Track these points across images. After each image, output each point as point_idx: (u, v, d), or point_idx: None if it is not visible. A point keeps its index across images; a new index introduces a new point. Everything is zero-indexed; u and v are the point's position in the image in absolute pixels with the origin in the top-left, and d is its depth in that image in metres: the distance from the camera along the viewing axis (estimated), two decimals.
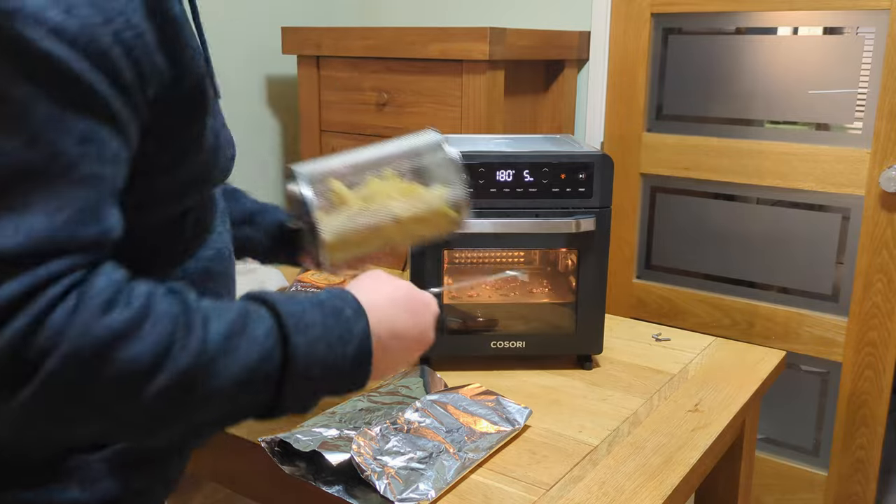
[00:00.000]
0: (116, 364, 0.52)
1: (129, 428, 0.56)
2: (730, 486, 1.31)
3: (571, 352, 1.31)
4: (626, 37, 2.09)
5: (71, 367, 0.50)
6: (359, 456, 0.93)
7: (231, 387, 0.57)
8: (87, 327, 0.50)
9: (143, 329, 0.53)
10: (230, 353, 0.56)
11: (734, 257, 2.06)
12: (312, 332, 0.60)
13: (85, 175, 0.52)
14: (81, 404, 0.52)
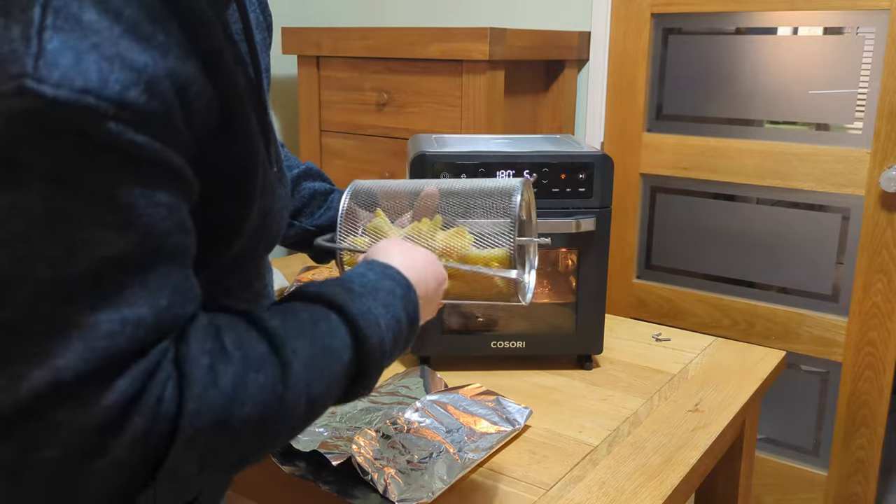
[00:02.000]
0: (234, 430, 0.50)
1: (239, 467, 0.55)
2: (730, 486, 1.31)
3: (571, 352, 1.31)
4: (626, 37, 2.09)
5: (194, 448, 0.48)
6: (359, 456, 0.93)
7: (321, 400, 0.57)
8: (200, 404, 0.48)
9: (249, 386, 0.51)
10: (318, 374, 0.56)
11: (734, 257, 2.06)
12: (381, 329, 0.61)
13: (173, 250, 0.49)
14: (209, 475, 0.51)
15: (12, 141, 0.42)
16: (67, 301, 0.43)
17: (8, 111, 0.41)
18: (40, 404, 0.43)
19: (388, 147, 2.08)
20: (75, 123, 0.42)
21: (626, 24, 2.09)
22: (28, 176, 0.42)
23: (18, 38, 0.42)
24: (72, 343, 0.43)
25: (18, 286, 0.43)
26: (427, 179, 0.89)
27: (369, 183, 0.89)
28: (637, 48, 2.08)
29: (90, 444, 0.44)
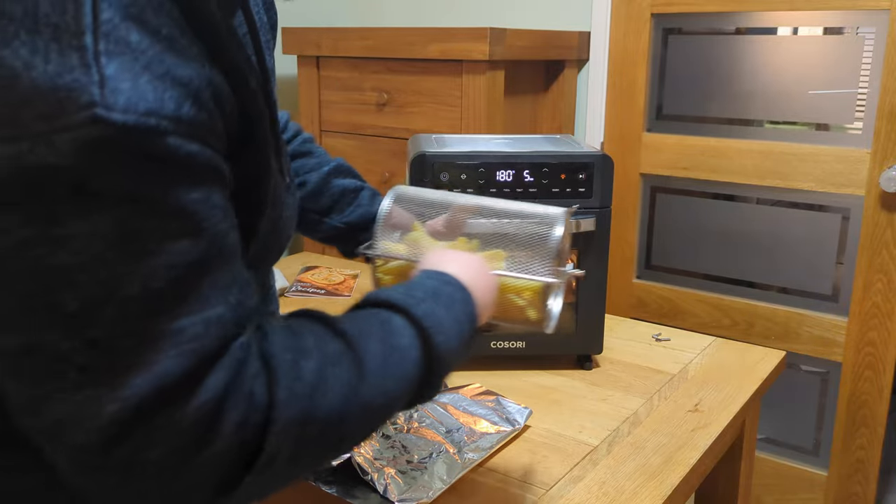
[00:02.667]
0: (319, 420, 0.53)
1: (321, 462, 0.58)
2: (730, 486, 1.31)
3: (571, 352, 1.31)
4: (626, 37, 2.09)
5: (286, 438, 0.51)
6: (359, 456, 0.93)
7: (395, 399, 0.59)
8: (289, 394, 0.51)
9: (329, 379, 0.54)
10: (391, 371, 0.58)
11: (734, 257, 2.06)
12: (445, 330, 0.62)
13: (232, 248, 0.51)
14: (296, 466, 0.53)
15: (84, 169, 0.43)
16: (154, 313, 0.45)
17: (80, 140, 0.42)
18: (143, 411, 0.45)
19: (388, 147, 2.08)
20: (142, 145, 0.44)
21: (626, 24, 2.09)
22: (101, 201, 0.44)
23: (78, 67, 0.42)
24: (164, 351, 0.45)
25: (105, 306, 0.44)
26: (467, 195, 0.90)
27: (411, 190, 0.91)
28: (637, 48, 2.08)
29: (191, 441, 0.47)
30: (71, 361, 0.44)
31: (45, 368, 0.45)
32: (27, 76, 0.42)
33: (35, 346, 0.44)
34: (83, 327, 0.44)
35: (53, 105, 0.42)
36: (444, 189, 1.02)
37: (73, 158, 0.42)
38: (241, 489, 0.50)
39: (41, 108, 0.42)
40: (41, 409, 0.46)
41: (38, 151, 0.42)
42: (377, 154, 2.10)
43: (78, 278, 0.44)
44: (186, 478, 0.48)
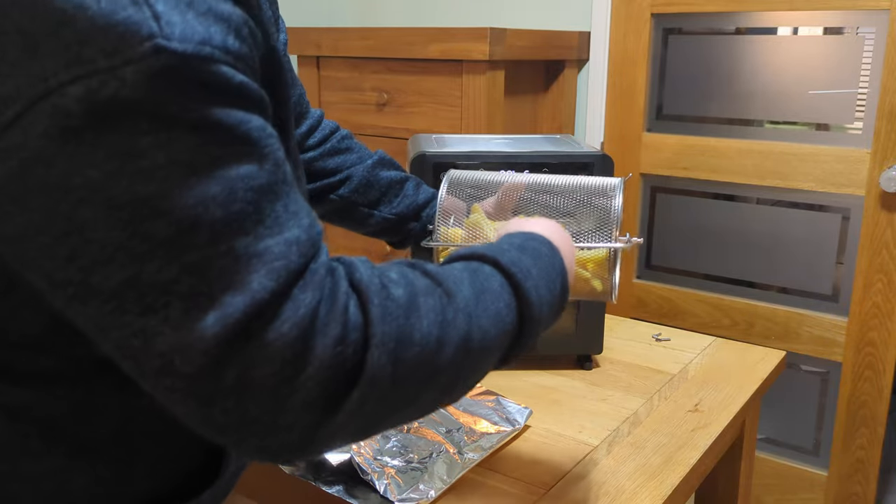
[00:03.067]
0: (416, 342, 0.52)
1: (420, 410, 0.56)
2: (730, 486, 1.31)
3: (571, 352, 1.31)
4: (626, 37, 2.09)
5: (386, 354, 0.51)
6: (359, 456, 0.93)
7: (491, 340, 0.58)
8: (383, 312, 0.51)
9: (421, 306, 0.53)
10: (482, 308, 0.57)
11: (734, 257, 2.06)
12: (533, 277, 0.62)
13: (290, 174, 0.52)
14: (399, 392, 0.52)
15: (155, 99, 0.44)
16: (241, 234, 0.47)
17: (147, 71, 0.44)
18: (246, 328, 0.46)
19: (388, 147, 2.08)
20: (202, 73, 0.46)
21: (626, 24, 2.09)
22: (174, 129, 0.45)
23: (130, 5, 0.44)
24: (255, 269, 0.47)
25: (196, 231, 0.46)
26: (519, 173, 0.90)
27: (464, 174, 0.91)
28: (637, 48, 2.08)
29: (294, 356, 0.48)
30: (171, 290, 0.46)
31: (147, 301, 0.46)
32: (82, 15, 0.43)
33: (135, 280, 0.46)
34: (179, 254, 0.46)
35: (115, 40, 0.43)
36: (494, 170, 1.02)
37: (143, 90, 0.44)
38: (348, 408, 0.50)
39: (102, 44, 0.43)
40: (145, 348, 0.47)
41: (109, 86, 0.43)
42: None
43: (166, 206, 0.45)
44: (295, 395, 0.48)
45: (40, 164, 0.44)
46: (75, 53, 0.43)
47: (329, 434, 0.51)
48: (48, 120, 0.43)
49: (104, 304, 0.47)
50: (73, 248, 0.45)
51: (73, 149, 0.44)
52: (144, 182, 0.45)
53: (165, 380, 0.48)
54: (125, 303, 0.46)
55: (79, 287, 0.46)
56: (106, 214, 0.45)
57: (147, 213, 0.45)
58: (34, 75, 0.43)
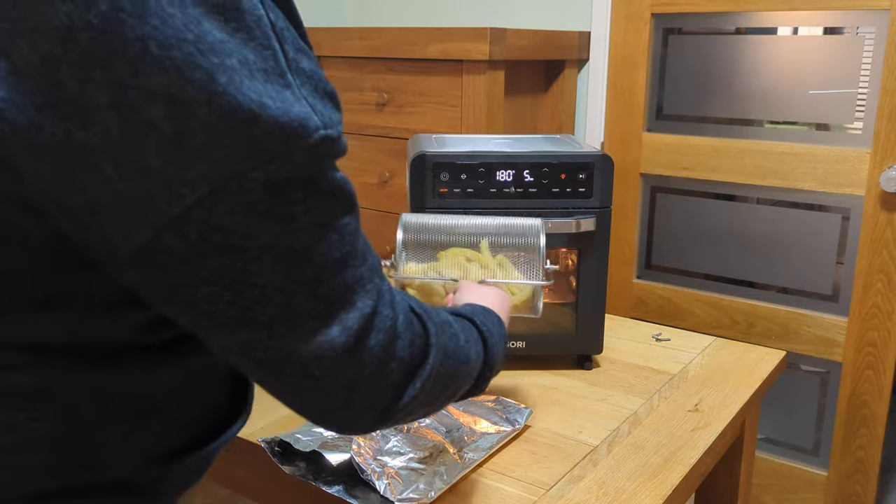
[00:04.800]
0: (451, 356, 0.71)
1: (430, 412, 0.73)
2: (730, 486, 1.31)
3: (571, 352, 1.31)
4: (626, 37, 2.09)
5: (439, 360, 0.68)
6: (359, 456, 0.93)
7: (473, 369, 0.76)
8: (436, 330, 0.69)
9: (449, 332, 0.72)
10: (471, 347, 0.76)
11: (734, 257, 2.06)
12: (493, 337, 0.82)
13: None
14: (436, 391, 0.69)
15: (314, 174, 0.55)
16: (348, 268, 0.60)
17: (316, 155, 0.54)
18: (358, 338, 0.60)
19: (388, 147, 2.08)
20: (338, 149, 0.57)
21: (626, 24, 2.09)
22: (319, 196, 0.56)
23: (295, 101, 0.53)
24: (358, 293, 0.61)
25: (326, 269, 0.58)
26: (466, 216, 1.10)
27: (418, 217, 1.09)
28: (637, 48, 2.08)
29: (387, 355, 0.63)
30: (311, 313, 0.58)
31: (295, 324, 0.58)
32: (265, 114, 0.51)
33: (285, 312, 0.57)
34: (316, 287, 0.58)
35: (290, 134, 0.52)
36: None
37: (308, 170, 0.54)
38: (411, 392, 0.66)
39: (280, 137, 0.52)
40: (288, 360, 0.59)
41: (284, 170, 0.52)
42: (377, 154, 2.10)
43: (310, 255, 0.57)
44: (385, 383, 0.63)
45: (220, 232, 0.52)
46: (257, 146, 0.51)
47: (397, 411, 0.66)
48: (232, 199, 0.51)
49: (255, 333, 0.57)
50: (239, 293, 0.55)
51: (251, 220, 0.53)
52: (299, 240, 0.56)
53: (298, 381, 0.60)
54: (273, 330, 0.57)
55: (233, 321, 0.57)
56: (271, 267, 0.55)
57: (298, 262, 0.56)
58: (218, 164, 0.50)
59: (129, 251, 0.52)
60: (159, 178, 0.49)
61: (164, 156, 0.49)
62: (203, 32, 0.48)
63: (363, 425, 0.66)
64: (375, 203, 2.12)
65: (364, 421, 0.66)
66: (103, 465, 0.64)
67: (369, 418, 0.66)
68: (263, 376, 0.62)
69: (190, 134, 0.49)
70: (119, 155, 0.49)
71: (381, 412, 0.66)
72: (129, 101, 0.48)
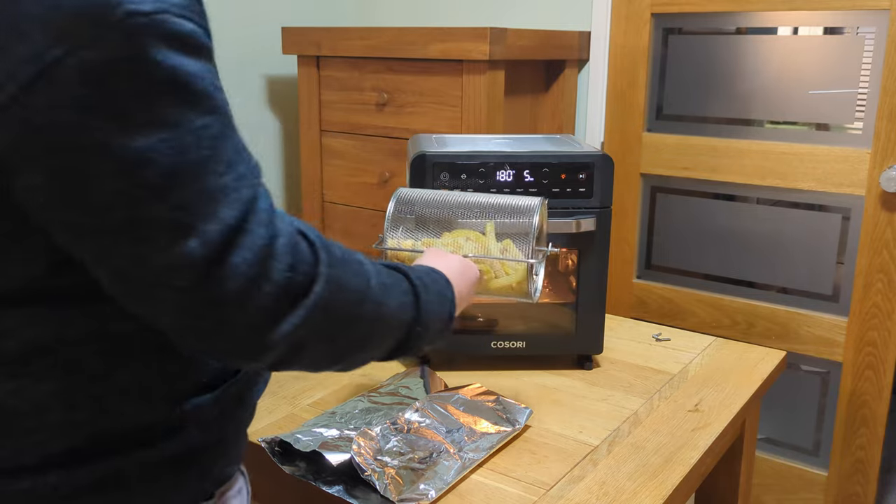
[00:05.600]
0: (348, 290, 0.65)
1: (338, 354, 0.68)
2: (730, 486, 1.31)
3: (571, 352, 1.31)
4: (626, 37, 2.09)
5: (328, 292, 0.63)
6: (359, 456, 0.93)
7: (394, 319, 0.72)
8: (328, 258, 0.64)
9: (353, 265, 0.67)
10: (391, 294, 0.71)
11: (734, 257, 2.06)
12: (430, 293, 0.77)
13: (232, 117, 0.61)
14: (331, 328, 0.64)
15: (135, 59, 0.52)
16: (206, 175, 0.56)
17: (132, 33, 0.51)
18: (220, 251, 0.57)
19: (388, 147, 2.08)
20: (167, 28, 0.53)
21: (626, 24, 2.09)
22: (155, 89, 0.53)
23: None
24: (220, 202, 0.57)
25: (177, 175, 0.55)
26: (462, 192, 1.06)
27: (412, 192, 1.05)
28: (637, 48, 2.08)
29: (257, 275, 0.58)
30: (163, 223, 0.55)
31: (145, 234, 0.55)
32: None
33: (135, 217, 0.55)
34: (167, 193, 0.55)
35: (95, 10, 0.50)
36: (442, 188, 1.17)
37: (126, 51, 0.51)
38: (292, 321, 0.61)
39: (87, 17, 0.50)
40: (148, 273, 0.56)
41: (98, 53, 0.50)
42: (377, 154, 2.10)
43: (156, 154, 0.53)
44: (254, 305, 0.59)
45: (47, 130, 0.51)
46: (62, 32, 0.49)
47: (280, 339, 0.61)
48: (49, 93, 0.50)
49: (105, 239, 0.55)
50: (83, 195, 0.53)
51: (78, 116, 0.51)
52: (137, 139, 0.53)
53: (158, 292, 0.57)
54: (122, 236, 0.55)
55: (87, 225, 0.55)
56: (111, 169, 0.53)
57: (140, 165, 0.53)
58: (23, 58, 0.49)
59: None
60: None
61: None
62: None
63: (242, 350, 0.62)
64: (375, 203, 2.12)
65: (241, 345, 0.61)
66: (122, 411, 0.65)
67: (246, 342, 0.61)
68: (124, 293, 0.59)
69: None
70: None
71: (259, 336, 0.61)
72: None
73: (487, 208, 1.02)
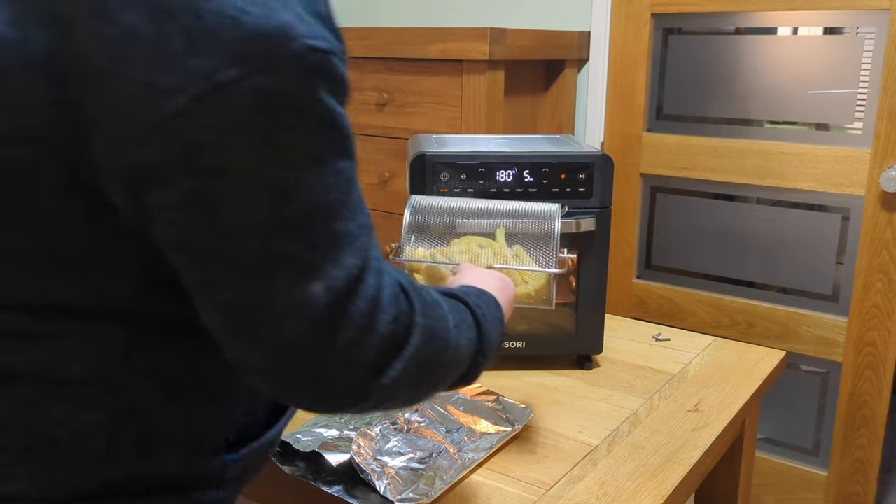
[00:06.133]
0: (438, 338, 0.64)
1: (417, 398, 0.68)
2: (730, 486, 1.31)
3: (571, 352, 1.31)
4: (626, 37, 2.09)
5: (423, 340, 0.62)
6: (359, 456, 0.93)
7: (464, 357, 0.70)
8: (422, 308, 0.63)
9: (438, 312, 0.65)
10: (463, 333, 0.69)
11: (734, 257, 2.06)
12: (488, 321, 0.75)
13: None
14: (421, 373, 0.63)
15: (303, 95, 0.52)
16: (338, 219, 0.55)
17: (306, 70, 0.52)
18: (341, 298, 0.55)
19: (388, 147, 2.08)
20: (330, 70, 0.54)
21: (626, 24, 2.09)
22: (313, 126, 0.53)
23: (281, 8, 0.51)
24: (345, 249, 0.56)
25: (316, 213, 0.54)
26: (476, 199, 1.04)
27: (426, 199, 1.04)
28: (637, 48, 2.08)
29: (367, 325, 0.57)
30: (294, 261, 0.54)
31: (274, 269, 0.53)
32: (246, 19, 0.49)
33: (269, 250, 0.53)
34: (304, 231, 0.54)
35: (275, 38, 0.50)
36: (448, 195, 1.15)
37: (298, 87, 0.51)
38: (391, 373, 0.60)
39: (264, 43, 0.50)
40: (265, 310, 0.54)
41: (271, 82, 0.50)
42: (377, 154, 2.10)
43: (302, 190, 0.53)
44: (360, 356, 0.58)
45: (202, 149, 0.49)
46: (240, 53, 0.49)
47: (376, 391, 0.60)
48: (215, 112, 0.49)
49: (227, 271, 0.53)
50: (221, 222, 0.52)
51: (237, 138, 0.50)
52: (289, 172, 0.52)
53: (266, 330, 0.55)
54: (249, 270, 0.53)
55: (215, 254, 0.53)
56: (254, 199, 0.51)
57: (285, 198, 0.52)
58: (198, 72, 0.48)
59: (113, 165, 0.51)
60: (139, 85, 0.48)
61: (145, 62, 0.48)
62: None
63: (335, 399, 0.60)
64: (375, 203, 2.12)
65: (336, 394, 0.59)
66: (162, 452, 0.63)
67: (342, 392, 0.59)
68: (229, 327, 0.56)
69: (170, 38, 0.48)
70: (104, 63, 0.48)
71: (356, 387, 0.59)
72: (110, 6, 0.48)
73: (506, 215, 1.01)
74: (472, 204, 1.02)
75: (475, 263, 0.96)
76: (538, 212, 1.00)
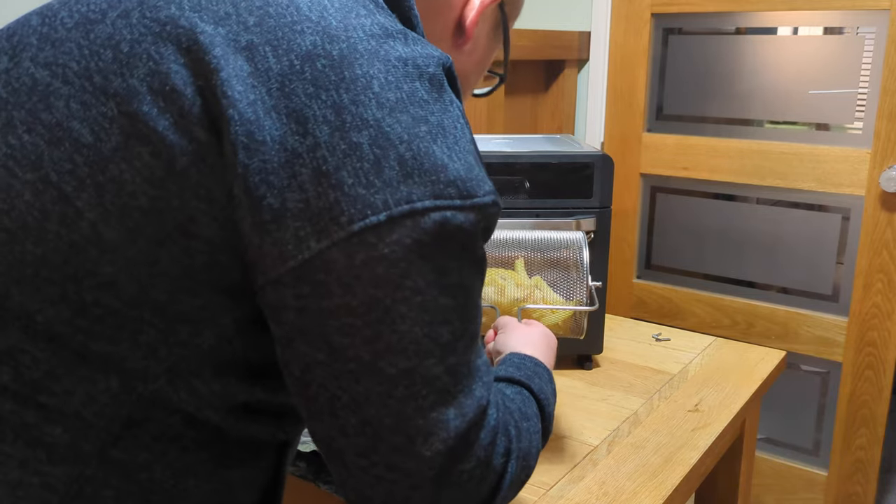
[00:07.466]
0: (531, 456, 0.65)
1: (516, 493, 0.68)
2: (730, 486, 1.31)
3: (571, 352, 1.31)
4: (626, 37, 2.10)
5: (519, 466, 0.62)
6: None
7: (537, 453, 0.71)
8: (517, 433, 0.63)
9: (526, 428, 0.66)
10: (534, 432, 0.69)
11: (734, 257, 2.06)
12: (550, 404, 0.76)
13: None
14: (512, 492, 0.63)
15: (475, 235, 0.58)
16: (472, 350, 0.58)
17: (483, 217, 0.58)
18: (469, 429, 0.57)
19: None
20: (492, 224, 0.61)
21: (626, 24, 2.09)
22: (470, 260, 0.58)
23: (475, 165, 0.60)
24: (477, 380, 0.58)
25: (460, 340, 0.57)
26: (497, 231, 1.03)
27: None
28: (637, 48, 2.08)
29: (486, 457, 0.58)
30: (435, 384, 0.55)
31: (415, 390, 0.55)
32: (452, 165, 0.56)
33: (414, 370, 0.54)
34: (448, 355, 0.56)
35: (471, 187, 0.57)
36: None
37: (473, 226, 0.56)
38: (497, 502, 0.61)
39: (462, 188, 0.56)
40: (396, 427, 0.55)
41: (457, 218, 0.55)
42: None
43: (453, 316, 0.56)
44: (478, 489, 0.59)
45: (384, 262, 0.53)
46: (441, 190, 0.54)
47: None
48: (404, 232, 0.53)
49: (378, 384, 0.54)
50: (379, 332, 0.54)
51: (413, 258, 0.53)
52: (446, 295, 0.55)
53: (393, 458, 0.55)
54: (398, 387, 0.54)
55: (362, 365, 0.54)
56: (417, 314, 0.54)
57: (441, 319, 0.55)
58: (402, 196, 0.53)
59: (293, 263, 0.53)
60: (348, 195, 0.52)
61: (358, 176, 0.53)
62: (414, 89, 0.56)
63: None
64: None
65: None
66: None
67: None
68: (356, 442, 0.56)
69: (387, 163, 0.53)
70: (320, 165, 0.53)
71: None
72: (344, 123, 0.53)
73: (529, 246, 1.01)
74: (496, 235, 1.01)
75: (502, 297, 0.95)
76: (562, 241, 1.00)
